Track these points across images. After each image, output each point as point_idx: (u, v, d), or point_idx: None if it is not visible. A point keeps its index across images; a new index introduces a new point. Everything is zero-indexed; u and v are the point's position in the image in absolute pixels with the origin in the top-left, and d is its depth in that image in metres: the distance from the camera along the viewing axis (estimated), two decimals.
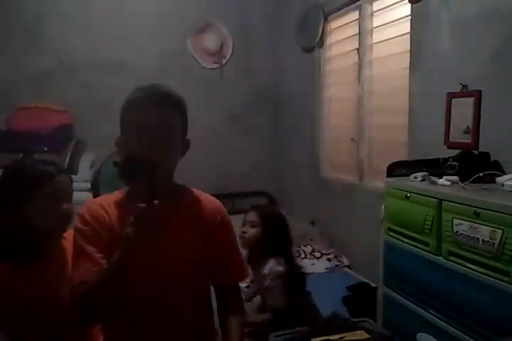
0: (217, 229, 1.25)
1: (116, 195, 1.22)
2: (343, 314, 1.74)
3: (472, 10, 2.09)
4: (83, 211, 1.17)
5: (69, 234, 1.32)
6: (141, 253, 1.04)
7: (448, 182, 1.77)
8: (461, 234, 1.55)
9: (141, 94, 1.15)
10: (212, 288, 1.31)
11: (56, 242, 1.43)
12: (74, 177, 3.28)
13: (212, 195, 1.31)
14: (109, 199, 1.21)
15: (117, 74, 3.80)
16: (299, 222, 3.74)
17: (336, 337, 1.58)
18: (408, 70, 2.52)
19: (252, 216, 2.17)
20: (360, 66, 3.04)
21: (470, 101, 2.07)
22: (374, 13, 2.94)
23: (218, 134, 4.09)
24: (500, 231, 1.40)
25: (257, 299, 2.17)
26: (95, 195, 3.02)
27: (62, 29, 3.70)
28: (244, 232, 2.13)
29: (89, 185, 3.27)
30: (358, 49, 3.06)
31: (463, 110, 2.11)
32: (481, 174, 1.76)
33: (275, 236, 2.12)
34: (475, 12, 2.07)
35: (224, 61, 4.18)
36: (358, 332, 1.64)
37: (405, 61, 2.53)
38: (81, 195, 3.22)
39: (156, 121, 1.12)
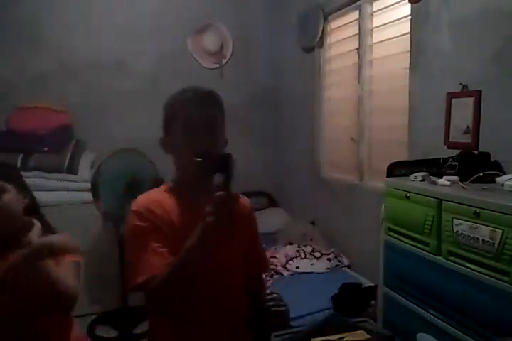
0: (252, 225, 1.38)
1: (164, 189, 1.25)
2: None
3: (472, 10, 2.09)
4: (138, 207, 1.17)
5: None
6: (217, 243, 1.06)
7: (448, 182, 1.77)
8: (461, 234, 1.55)
9: (193, 94, 1.22)
10: None
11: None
12: (74, 177, 3.32)
13: None
14: (160, 194, 1.23)
15: (117, 75, 3.80)
16: (299, 222, 3.75)
17: (336, 337, 1.59)
18: (408, 70, 2.52)
19: None
20: (360, 66, 3.04)
21: (470, 101, 2.07)
22: (374, 13, 2.94)
23: None
24: (500, 231, 1.40)
25: None
26: (95, 195, 3.01)
27: (62, 29, 3.69)
28: None
29: (89, 185, 3.27)
30: (358, 49, 3.06)
31: (463, 110, 2.11)
32: (481, 174, 1.76)
33: None
34: (475, 12, 2.07)
35: (224, 61, 4.18)
36: (358, 332, 1.64)
37: (405, 61, 2.53)
38: (81, 195, 3.24)
39: (211, 120, 1.20)
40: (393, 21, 2.71)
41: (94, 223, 3.19)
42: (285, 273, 3.04)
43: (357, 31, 3.07)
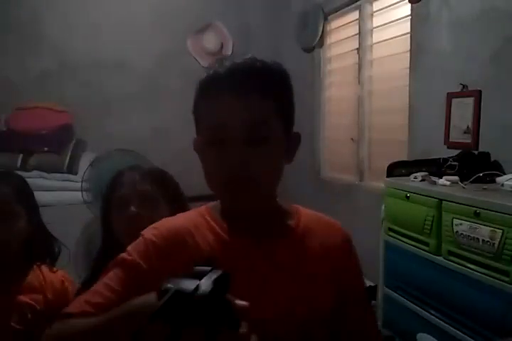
0: (346, 264, 0.90)
1: (203, 212, 0.88)
2: None
3: (472, 10, 2.09)
4: (152, 235, 0.81)
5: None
6: None
7: (448, 182, 1.77)
8: (461, 234, 1.55)
9: (224, 72, 0.79)
10: None
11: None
12: (74, 177, 3.32)
13: (212, 196, 1.09)
14: (197, 218, 0.86)
15: (117, 74, 3.80)
16: None
17: None
18: (408, 70, 2.52)
19: (147, 186, 1.33)
20: (360, 66, 3.04)
21: (470, 101, 2.07)
22: (374, 13, 2.94)
23: None
24: (500, 231, 1.40)
25: None
26: (87, 196, 2.99)
27: (63, 29, 3.70)
28: (137, 214, 1.30)
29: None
30: (358, 49, 3.06)
31: (463, 110, 2.11)
32: (481, 174, 1.76)
33: None
34: (475, 12, 2.07)
35: None
36: None
37: (405, 61, 2.53)
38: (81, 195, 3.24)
39: (252, 116, 0.79)
40: (393, 21, 2.71)
41: (95, 223, 3.19)
42: None
43: (357, 31, 3.07)
